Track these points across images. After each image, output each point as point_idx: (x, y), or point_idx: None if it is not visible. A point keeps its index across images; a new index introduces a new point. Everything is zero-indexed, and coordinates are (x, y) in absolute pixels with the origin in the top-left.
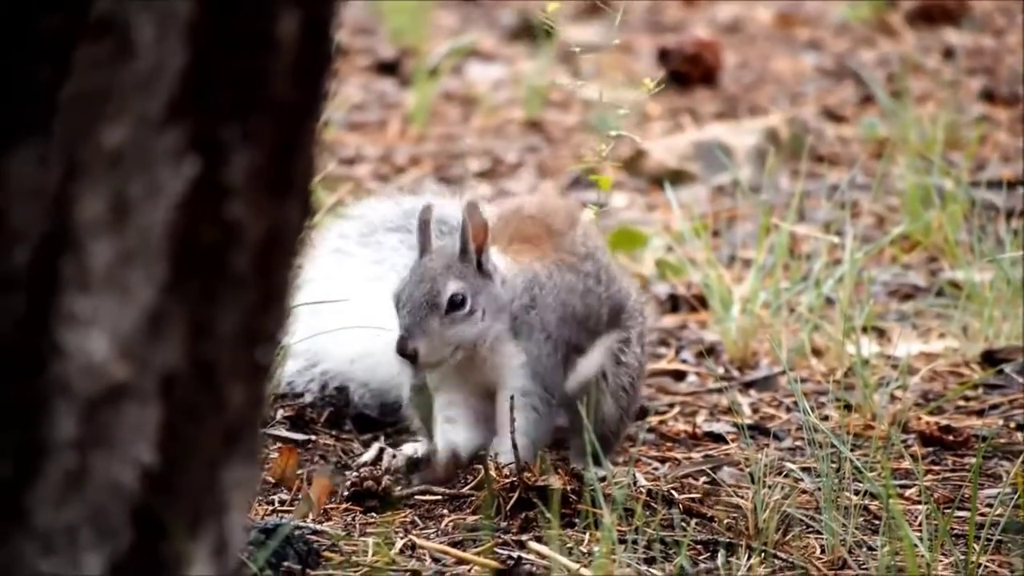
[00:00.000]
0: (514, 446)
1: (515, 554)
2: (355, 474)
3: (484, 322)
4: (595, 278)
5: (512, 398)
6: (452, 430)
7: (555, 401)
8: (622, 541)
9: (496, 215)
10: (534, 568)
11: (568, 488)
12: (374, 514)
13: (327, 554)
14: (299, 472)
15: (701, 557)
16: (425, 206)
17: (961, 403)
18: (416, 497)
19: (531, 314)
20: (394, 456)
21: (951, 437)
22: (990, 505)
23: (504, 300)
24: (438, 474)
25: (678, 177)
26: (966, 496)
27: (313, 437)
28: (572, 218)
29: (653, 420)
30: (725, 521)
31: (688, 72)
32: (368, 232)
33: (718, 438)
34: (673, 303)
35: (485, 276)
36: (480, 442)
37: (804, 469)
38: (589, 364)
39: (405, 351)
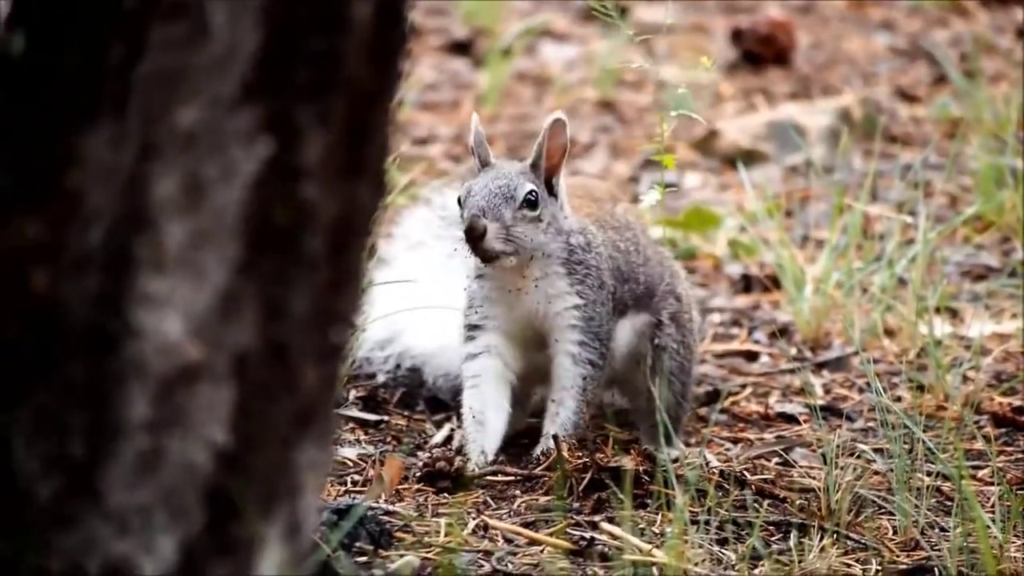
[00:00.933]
0: (554, 438)
1: (587, 535)
2: (427, 455)
3: (547, 235)
4: (634, 246)
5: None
6: (480, 426)
7: (607, 355)
8: (694, 522)
9: None
10: (606, 549)
11: (640, 469)
12: (446, 495)
13: (399, 535)
14: (371, 454)
15: (773, 538)
16: (474, 120)
17: None
18: (488, 478)
19: (587, 256)
20: (465, 439)
21: (1023, 418)
22: None
23: (564, 226)
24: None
25: (751, 157)
26: None
27: (385, 418)
28: (613, 195)
29: (726, 401)
30: (797, 502)
31: (761, 52)
32: (446, 225)
33: (790, 419)
34: (746, 283)
35: (552, 195)
36: (507, 408)
37: (876, 450)
38: (621, 335)
39: (475, 229)
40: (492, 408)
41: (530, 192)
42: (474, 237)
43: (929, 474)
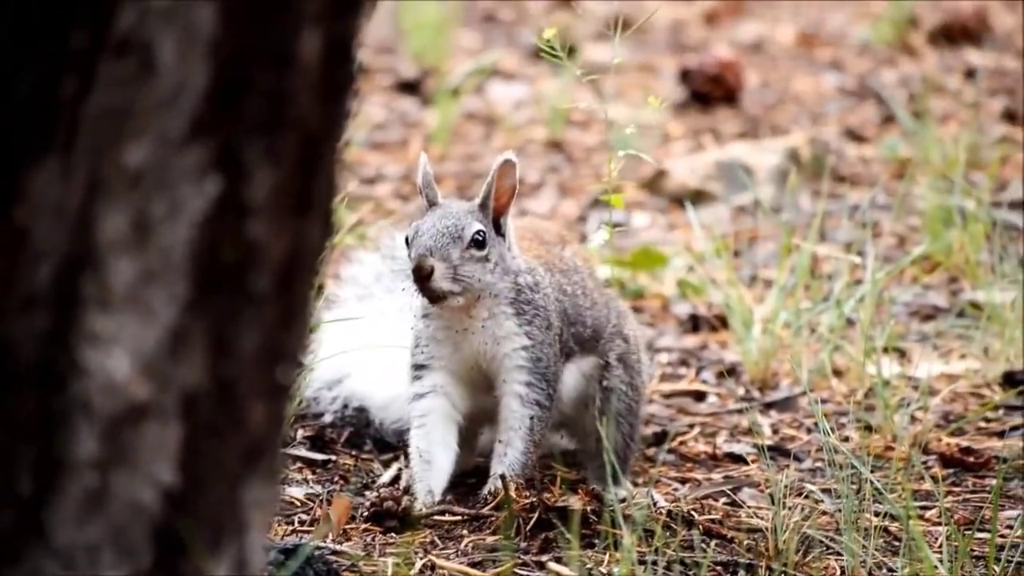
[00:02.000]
0: (502, 477)
1: (535, 574)
2: (375, 494)
3: (495, 275)
4: (581, 289)
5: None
6: (427, 465)
7: (555, 395)
8: (642, 562)
9: None
10: None
11: (588, 509)
12: (394, 534)
13: (347, 574)
14: (319, 493)
15: None
16: (423, 159)
17: (982, 424)
18: (436, 517)
19: (535, 296)
20: (412, 478)
21: (971, 458)
22: (1010, 527)
23: (511, 266)
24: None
25: (699, 197)
26: (986, 517)
27: (333, 457)
28: (562, 239)
29: (673, 441)
30: (745, 542)
31: (710, 92)
32: (395, 274)
33: (738, 459)
34: (694, 323)
35: (500, 235)
36: (455, 447)
37: (824, 490)
38: (569, 378)
39: (422, 268)
40: (439, 447)
41: (478, 232)
42: (421, 277)
43: (877, 514)
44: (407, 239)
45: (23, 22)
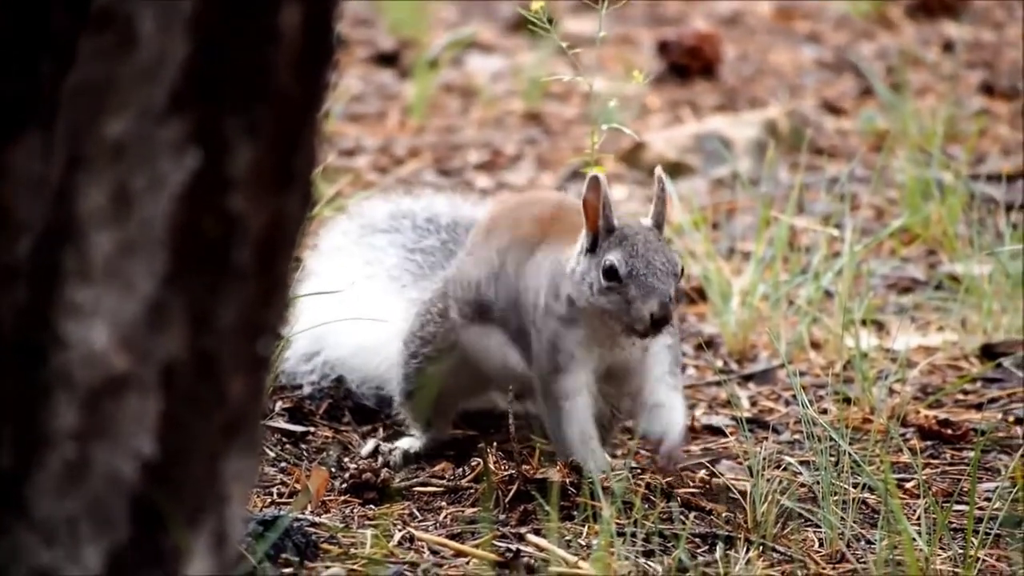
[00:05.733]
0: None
1: (514, 547)
2: (354, 466)
3: None
4: None
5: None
6: (593, 443)
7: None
8: (620, 534)
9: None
10: (533, 561)
11: (567, 481)
12: (372, 506)
13: (325, 546)
14: (297, 464)
15: (699, 550)
16: (600, 178)
17: (960, 397)
18: (415, 489)
19: None
20: (390, 451)
21: (949, 431)
22: (988, 499)
23: None
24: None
25: (677, 169)
26: (964, 490)
27: (312, 429)
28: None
29: None
30: (723, 514)
31: (688, 64)
32: (364, 233)
33: (717, 431)
34: None
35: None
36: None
37: (802, 462)
38: None
39: (667, 316)
40: (592, 438)
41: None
42: (661, 325)
43: (855, 486)
44: (618, 271)
45: None
